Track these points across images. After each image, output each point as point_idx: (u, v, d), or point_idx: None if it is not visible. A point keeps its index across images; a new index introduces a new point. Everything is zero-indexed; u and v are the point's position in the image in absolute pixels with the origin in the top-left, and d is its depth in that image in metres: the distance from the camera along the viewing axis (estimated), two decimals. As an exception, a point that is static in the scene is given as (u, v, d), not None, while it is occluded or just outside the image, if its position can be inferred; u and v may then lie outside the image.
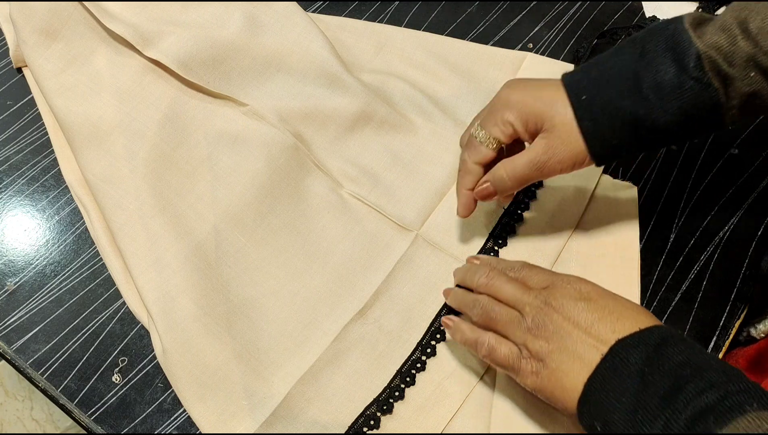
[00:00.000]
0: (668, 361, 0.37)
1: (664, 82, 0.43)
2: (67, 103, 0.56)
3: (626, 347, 0.39)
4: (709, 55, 0.42)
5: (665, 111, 0.43)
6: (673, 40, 0.43)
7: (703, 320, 0.53)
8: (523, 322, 0.42)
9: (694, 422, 0.34)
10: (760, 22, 0.42)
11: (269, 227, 0.53)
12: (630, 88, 0.44)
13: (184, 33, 0.57)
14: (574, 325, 0.41)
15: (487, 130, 0.47)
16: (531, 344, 0.41)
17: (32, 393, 1.24)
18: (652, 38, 0.44)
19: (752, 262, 0.55)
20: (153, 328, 0.49)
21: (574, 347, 0.40)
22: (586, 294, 0.42)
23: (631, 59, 0.44)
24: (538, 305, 0.42)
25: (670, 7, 0.68)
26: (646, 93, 0.43)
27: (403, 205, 0.55)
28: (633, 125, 0.44)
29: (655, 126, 0.44)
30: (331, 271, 0.52)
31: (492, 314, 0.44)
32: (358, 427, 0.47)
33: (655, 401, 0.36)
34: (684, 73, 0.42)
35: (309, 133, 0.57)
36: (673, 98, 0.43)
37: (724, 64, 0.42)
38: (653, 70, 0.43)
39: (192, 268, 0.50)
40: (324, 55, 0.58)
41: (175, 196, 0.54)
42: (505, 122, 0.46)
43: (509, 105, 0.46)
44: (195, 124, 0.57)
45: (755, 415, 0.33)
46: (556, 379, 0.40)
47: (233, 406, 0.47)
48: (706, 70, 0.42)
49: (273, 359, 0.49)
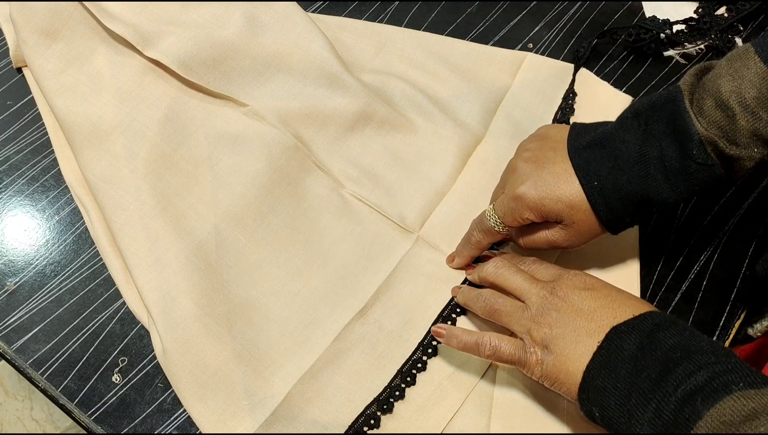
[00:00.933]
0: (660, 345, 0.38)
1: (671, 165, 0.44)
2: (67, 103, 0.56)
3: (620, 334, 0.40)
4: (711, 139, 0.42)
5: (674, 190, 0.44)
6: (674, 123, 0.44)
7: (703, 320, 0.53)
8: (527, 311, 0.44)
9: (684, 404, 0.35)
10: (755, 92, 0.42)
11: (270, 227, 0.53)
12: (638, 173, 0.45)
13: (184, 33, 0.57)
14: (577, 312, 0.42)
15: (502, 220, 0.49)
16: (535, 332, 0.43)
17: (32, 393, 1.24)
18: (654, 115, 0.45)
19: (752, 262, 0.55)
20: (153, 328, 0.49)
21: (577, 332, 0.41)
22: (590, 284, 0.44)
23: (636, 139, 0.45)
24: (543, 295, 0.44)
25: (670, 7, 0.68)
26: (654, 174, 0.44)
27: (403, 206, 0.55)
28: (644, 205, 0.46)
29: (666, 203, 0.45)
30: (331, 271, 0.52)
31: (496, 305, 0.45)
32: (359, 426, 0.47)
33: (646, 385, 0.37)
34: (688, 158, 0.43)
35: (309, 134, 0.57)
36: (680, 180, 0.44)
37: (726, 146, 0.43)
38: (657, 152, 0.44)
39: (192, 268, 0.50)
40: (324, 55, 0.58)
41: (176, 196, 0.54)
42: (523, 219, 0.48)
43: (528, 205, 0.47)
44: (195, 124, 0.57)
45: (740, 394, 0.33)
46: (560, 363, 0.41)
47: (233, 406, 0.47)
48: (709, 153, 0.43)
49: (273, 359, 0.49)
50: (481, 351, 0.45)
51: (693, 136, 0.43)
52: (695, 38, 0.66)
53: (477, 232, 0.51)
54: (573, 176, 0.46)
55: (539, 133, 0.52)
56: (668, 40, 0.65)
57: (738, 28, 0.67)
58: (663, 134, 0.44)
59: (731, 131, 0.42)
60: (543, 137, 0.50)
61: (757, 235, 0.56)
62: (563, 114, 0.60)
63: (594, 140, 0.47)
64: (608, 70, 0.64)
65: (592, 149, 0.47)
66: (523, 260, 0.49)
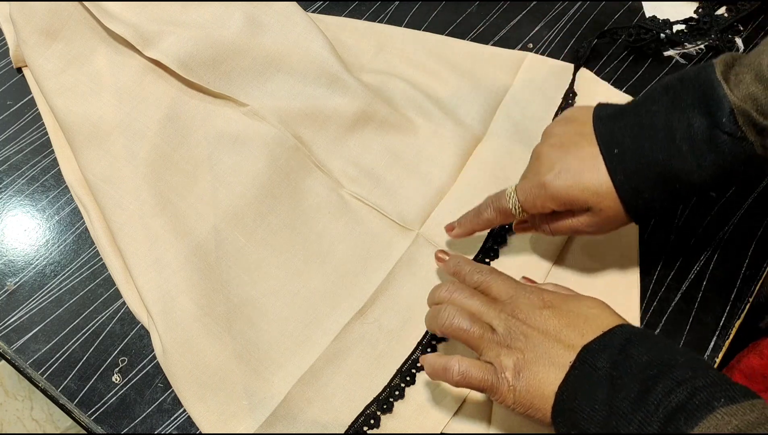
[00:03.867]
0: (634, 362, 0.37)
1: (697, 135, 0.41)
2: (67, 103, 0.56)
3: (592, 353, 0.38)
4: (743, 109, 0.40)
5: (699, 164, 0.42)
6: (703, 93, 0.42)
7: (703, 320, 0.53)
8: (495, 335, 0.42)
9: (667, 424, 0.34)
10: None
11: (269, 227, 0.53)
12: (662, 141, 0.42)
13: (185, 33, 0.57)
14: (544, 334, 0.40)
15: (522, 205, 0.47)
16: (505, 359, 0.40)
17: (32, 393, 1.24)
18: (684, 86, 0.43)
19: (752, 262, 0.55)
20: (153, 328, 0.49)
21: (548, 355, 0.40)
22: (548, 302, 0.42)
23: (664, 109, 0.43)
24: (505, 318, 0.42)
25: (670, 7, 0.68)
26: (679, 145, 0.42)
27: (403, 205, 0.55)
28: (667, 178, 0.43)
29: (690, 179, 0.42)
30: (331, 270, 0.52)
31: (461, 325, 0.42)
32: (359, 426, 0.47)
33: (626, 405, 0.35)
34: (716, 128, 0.41)
35: (309, 134, 0.57)
36: (706, 151, 0.42)
37: (759, 116, 0.40)
38: (685, 122, 0.42)
39: (192, 268, 0.50)
40: (324, 55, 0.58)
41: (176, 196, 0.54)
42: (545, 208, 0.46)
43: (552, 195, 0.45)
44: (195, 124, 0.57)
45: (724, 412, 0.33)
46: (534, 388, 0.39)
47: (233, 406, 0.47)
48: (740, 124, 0.41)
49: (273, 359, 0.49)
50: (449, 376, 0.42)
51: (724, 105, 0.41)
52: (695, 38, 0.66)
53: (491, 210, 0.49)
54: (600, 160, 0.44)
55: (566, 116, 0.49)
56: (668, 40, 0.65)
57: (738, 28, 0.67)
58: (692, 105, 0.42)
59: (767, 104, 0.40)
60: (570, 120, 0.48)
61: (757, 236, 0.56)
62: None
63: (618, 110, 0.45)
64: (608, 70, 0.64)
65: (617, 118, 0.45)
66: (480, 269, 0.45)
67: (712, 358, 0.51)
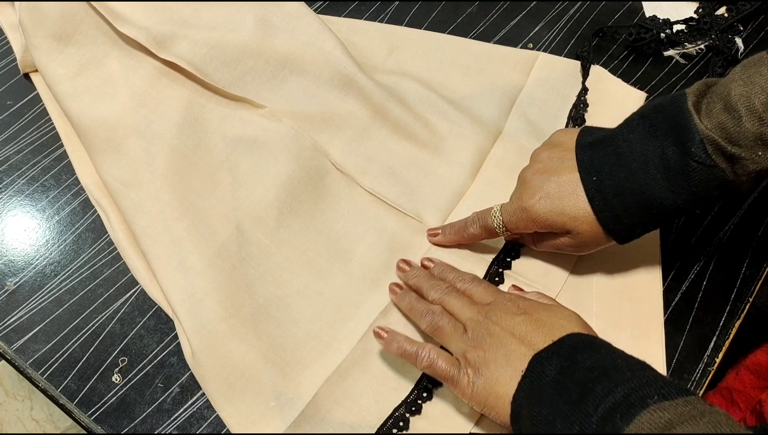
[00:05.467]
0: (579, 367, 0.38)
1: (670, 164, 0.44)
2: (82, 107, 0.56)
3: (542, 360, 0.40)
4: (713, 139, 0.42)
5: (673, 191, 0.44)
6: (676, 123, 0.44)
7: (703, 320, 0.53)
8: (465, 333, 0.44)
9: (604, 422, 0.35)
10: (765, 98, 0.42)
11: (291, 227, 0.53)
12: (638, 170, 0.45)
13: (198, 35, 0.57)
14: (510, 334, 0.43)
15: (506, 225, 0.50)
16: (470, 354, 0.43)
17: (32, 393, 1.24)
18: (658, 116, 0.45)
19: (752, 262, 0.55)
20: (181, 330, 0.49)
21: (508, 356, 0.42)
22: (524, 309, 0.44)
23: (640, 137, 0.45)
24: (479, 320, 0.44)
25: (670, 7, 0.68)
26: (653, 173, 0.44)
27: (422, 204, 0.55)
28: (644, 204, 0.45)
29: (665, 205, 0.45)
30: (354, 269, 0.52)
31: (440, 324, 0.46)
32: (388, 429, 0.47)
33: (568, 408, 0.37)
34: (687, 156, 0.43)
35: (326, 138, 0.57)
36: (680, 179, 0.44)
37: (728, 145, 0.42)
38: (659, 151, 0.44)
39: (216, 270, 0.50)
40: (337, 55, 0.58)
41: (197, 198, 0.53)
42: (528, 229, 0.49)
43: (532, 219, 0.48)
44: (212, 126, 0.57)
45: (656, 407, 0.34)
46: (490, 386, 0.41)
47: (262, 407, 0.47)
48: (710, 153, 0.42)
49: (300, 360, 0.49)
50: (418, 362, 0.45)
51: (694, 134, 0.43)
52: (695, 38, 0.66)
53: (476, 226, 0.51)
54: (579, 187, 0.47)
55: (551, 141, 0.52)
56: (668, 40, 0.65)
57: (738, 28, 0.67)
58: (665, 134, 0.44)
59: (735, 133, 0.42)
60: (555, 145, 0.51)
61: (757, 236, 0.56)
62: (577, 110, 0.61)
63: (599, 138, 0.47)
64: (609, 70, 0.64)
65: (596, 147, 0.47)
66: (462, 277, 0.49)
67: (712, 358, 0.51)
